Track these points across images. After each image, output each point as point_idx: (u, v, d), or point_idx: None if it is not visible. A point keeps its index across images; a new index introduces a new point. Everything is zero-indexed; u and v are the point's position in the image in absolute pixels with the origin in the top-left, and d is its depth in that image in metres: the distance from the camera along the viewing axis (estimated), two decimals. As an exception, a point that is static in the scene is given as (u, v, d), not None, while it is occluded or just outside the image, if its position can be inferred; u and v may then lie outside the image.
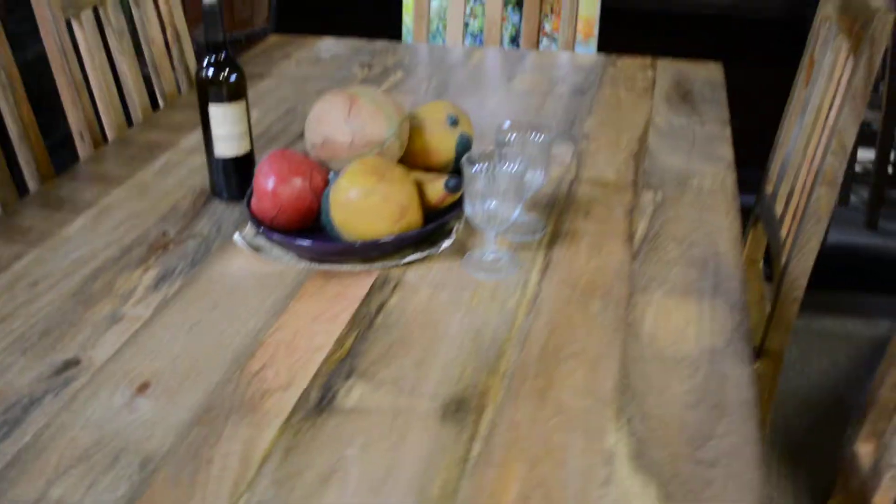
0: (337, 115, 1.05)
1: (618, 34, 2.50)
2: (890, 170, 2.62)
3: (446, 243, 1.04)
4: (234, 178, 1.17)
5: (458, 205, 1.07)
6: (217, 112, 1.13)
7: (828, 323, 2.17)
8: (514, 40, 2.24)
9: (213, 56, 1.12)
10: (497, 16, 1.88)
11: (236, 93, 1.13)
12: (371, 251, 1.01)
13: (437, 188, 1.05)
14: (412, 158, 1.13)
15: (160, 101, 1.59)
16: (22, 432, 0.79)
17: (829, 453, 1.60)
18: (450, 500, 0.71)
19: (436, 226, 1.04)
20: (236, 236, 1.06)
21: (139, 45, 1.53)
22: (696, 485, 0.73)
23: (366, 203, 0.99)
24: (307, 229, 1.06)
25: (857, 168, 2.87)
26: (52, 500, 0.71)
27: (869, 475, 0.93)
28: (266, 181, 1.04)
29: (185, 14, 1.65)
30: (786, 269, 1.27)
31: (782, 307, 1.28)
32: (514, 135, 1.07)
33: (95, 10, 1.42)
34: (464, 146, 1.12)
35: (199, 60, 1.14)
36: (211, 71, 1.12)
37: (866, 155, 2.86)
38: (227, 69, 1.12)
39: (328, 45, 1.85)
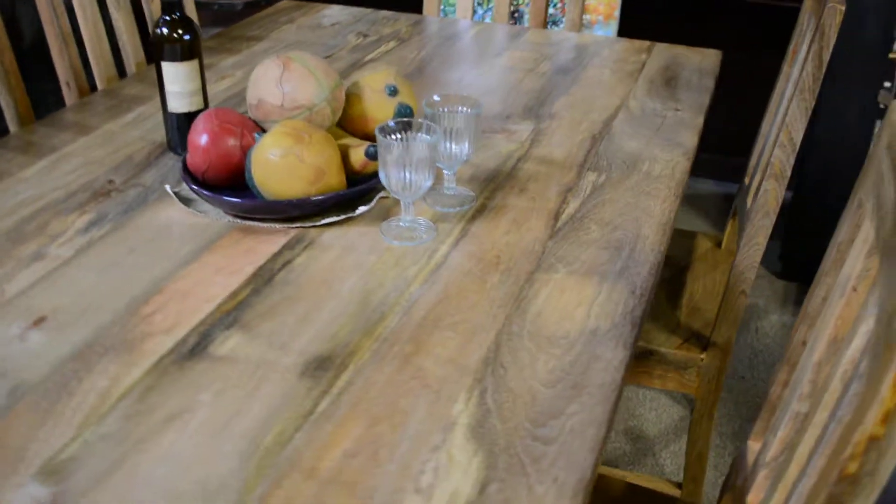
0: (271, 77, 1.08)
1: (646, 19, 2.46)
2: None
3: (363, 208, 1.06)
4: (187, 133, 1.21)
5: (385, 172, 1.09)
6: (170, 70, 1.17)
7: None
8: (535, 18, 2.22)
9: (169, 15, 1.16)
10: (507, -9, 1.87)
11: (190, 52, 1.17)
12: (287, 210, 1.04)
13: (359, 154, 1.07)
14: (350, 125, 1.15)
15: (157, 58, 1.64)
16: (-85, 352, 0.85)
17: None
18: (279, 449, 0.74)
19: (354, 191, 1.06)
20: (167, 187, 1.10)
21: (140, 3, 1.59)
22: (525, 459, 0.73)
23: (282, 163, 1.02)
24: (237, 186, 1.09)
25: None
26: (-81, 416, 0.77)
27: (749, 473, 0.91)
28: (199, 137, 1.08)
29: (192, -26, 1.70)
30: (734, 262, 1.24)
31: (730, 300, 1.26)
32: (444, 108, 1.08)
33: (91, -34, 1.48)
34: (401, 116, 1.14)
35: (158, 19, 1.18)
36: (165, 29, 1.16)
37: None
38: (181, 29, 1.16)
39: (333, 13, 1.87)
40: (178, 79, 1.18)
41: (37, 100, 1.46)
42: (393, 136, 1.00)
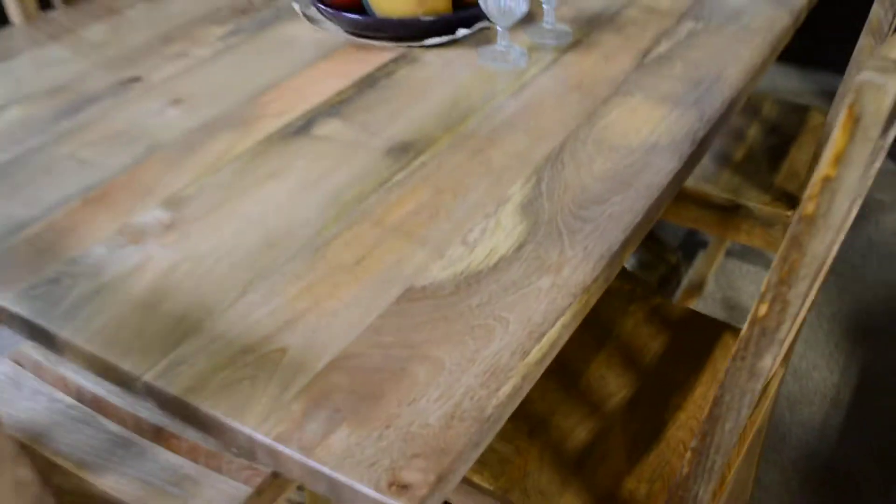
0: None
1: None
2: None
3: (463, 31, 1.16)
4: (320, -35, 1.34)
5: None
6: None
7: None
8: None
9: None
10: None
11: None
12: (396, 29, 1.15)
13: (464, -19, 1.16)
14: (463, -41, 1.24)
15: None
16: (79, 116, 1.03)
17: (894, 337, 1.60)
18: (355, 204, 0.87)
19: (458, 16, 1.15)
20: (295, 5, 1.23)
21: None
22: (563, 230, 0.83)
23: (393, -16, 1.12)
24: (356, 9, 1.21)
25: None
26: (78, 158, 0.95)
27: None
28: (325, -39, 1.20)
29: None
30: (827, 120, 1.27)
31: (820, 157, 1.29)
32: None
33: None
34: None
35: None
36: None
37: None
38: None
39: None
40: (314, -88, 1.29)
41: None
42: (493, -37, 1.08)
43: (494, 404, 0.66)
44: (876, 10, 1.16)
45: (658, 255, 1.76)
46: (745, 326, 0.67)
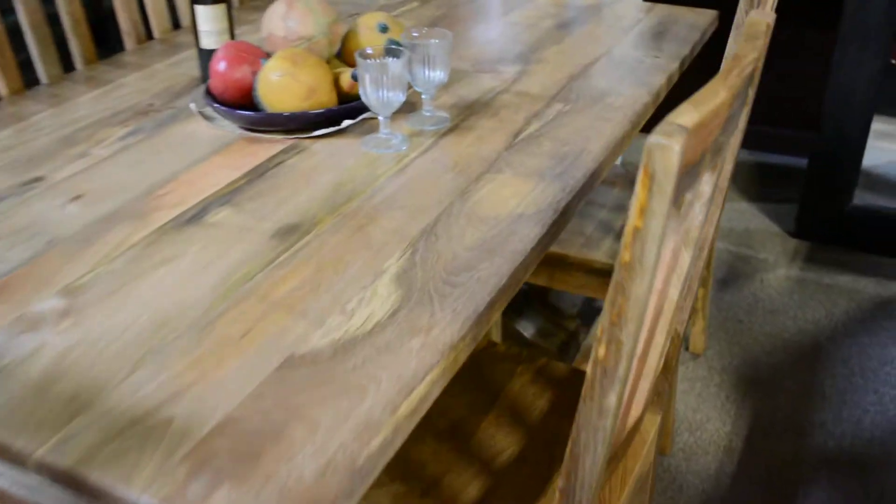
0: (277, 14, 1.28)
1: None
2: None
3: (347, 122, 1.25)
4: (216, 66, 1.43)
5: (372, 95, 1.28)
6: (201, 11, 1.39)
7: (840, 279, 2.17)
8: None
9: (201, -36, 1.38)
10: (529, -40, 2.04)
11: (218, -4, 1.39)
12: (285, 123, 1.24)
13: (346, 77, 1.26)
14: (348, 57, 1.35)
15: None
16: (-21, 215, 1.08)
17: (780, 386, 1.71)
18: (242, 283, 0.93)
19: (343, 108, 1.25)
20: (192, 105, 1.32)
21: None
22: (434, 296, 0.91)
23: (280, 82, 1.22)
24: (248, 106, 1.30)
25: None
26: (-23, 254, 1.00)
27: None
28: (218, 64, 1.29)
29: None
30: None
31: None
32: (421, 39, 1.26)
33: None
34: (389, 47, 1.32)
35: (194, -32, 1.40)
36: (198, -24, 1.38)
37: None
38: (211, -25, 1.38)
39: (369, -21, 2.08)
40: (207, 19, 1.39)
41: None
42: (370, 60, 1.18)
43: (366, 455, 0.72)
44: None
45: (556, 324, 1.84)
46: (588, 368, 0.75)
